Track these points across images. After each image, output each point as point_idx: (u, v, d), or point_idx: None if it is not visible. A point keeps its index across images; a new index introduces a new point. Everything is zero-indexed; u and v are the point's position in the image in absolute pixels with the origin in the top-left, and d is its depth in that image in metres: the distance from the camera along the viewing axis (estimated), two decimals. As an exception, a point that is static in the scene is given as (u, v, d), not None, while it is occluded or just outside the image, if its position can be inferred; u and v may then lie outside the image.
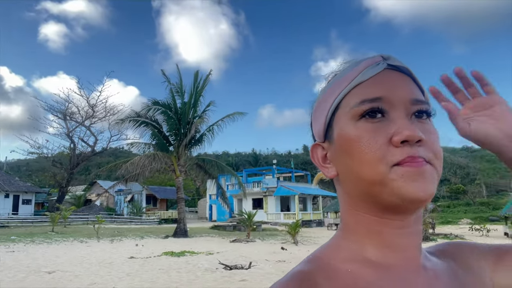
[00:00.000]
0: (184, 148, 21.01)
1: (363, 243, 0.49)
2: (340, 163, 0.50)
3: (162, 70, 21.79)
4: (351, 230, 0.51)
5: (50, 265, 9.97)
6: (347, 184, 0.50)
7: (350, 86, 0.49)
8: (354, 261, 0.48)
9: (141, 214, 36.04)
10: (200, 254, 12.65)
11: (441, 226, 35.15)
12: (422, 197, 0.44)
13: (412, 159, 0.44)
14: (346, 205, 0.52)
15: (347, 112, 0.49)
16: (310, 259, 0.49)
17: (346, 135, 0.48)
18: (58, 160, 39.34)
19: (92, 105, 38.10)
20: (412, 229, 0.49)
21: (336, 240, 0.52)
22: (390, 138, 0.45)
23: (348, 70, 0.51)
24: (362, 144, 0.46)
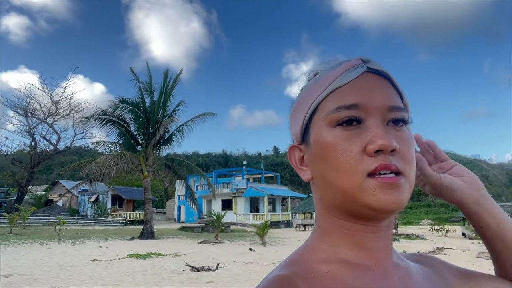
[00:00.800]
0: (153, 148, 20.62)
1: (338, 245, 0.50)
2: (315, 168, 0.50)
3: (130, 68, 21.35)
4: (326, 233, 0.51)
5: (7, 268, 9.49)
6: (322, 188, 0.51)
7: (328, 90, 0.49)
8: (330, 262, 0.48)
9: (106, 215, 34.99)
10: (167, 256, 12.45)
11: (404, 227, 36.44)
12: (391, 209, 0.44)
13: (385, 167, 0.44)
14: (321, 208, 0.52)
15: (323, 118, 0.49)
16: (287, 263, 0.49)
17: (322, 141, 0.48)
18: (18, 159, 37.50)
19: (56, 101, 36.59)
20: (384, 234, 0.50)
21: (311, 242, 0.52)
22: (364, 146, 0.45)
23: (327, 72, 0.51)
24: (337, 152, 0.46)
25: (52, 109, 36.61)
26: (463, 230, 25.64)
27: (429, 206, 59.94)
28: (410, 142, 0.48)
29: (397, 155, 0.45)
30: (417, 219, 48.06)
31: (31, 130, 36.19)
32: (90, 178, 20.09)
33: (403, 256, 0.58)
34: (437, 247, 15.89)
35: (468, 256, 13.77)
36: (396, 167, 0.45)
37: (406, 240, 21.56)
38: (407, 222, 44.06)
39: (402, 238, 22.14)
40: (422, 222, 44.45)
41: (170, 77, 21.61)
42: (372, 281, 0.47)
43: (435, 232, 28.12)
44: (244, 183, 35.70)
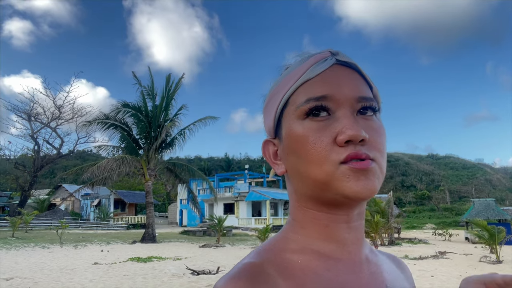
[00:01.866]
0: (154, 151, 20.66)
1: (311, 236, 0.50)
2: (287, 161, 0.51)
3: (133, 72, 21.44)
4: (300, 225, 0.52)
5: (8, 271, 9.51)
6: (295, 181, 0.51)
7: (298, 83, 0.49)
8: (303, 253, 0.49)
9: (109, 219, 35.01)
10: (168, 260, 12.45)
11: (407, 231, 36.26)
12: (364, 195, 0.45)
13: (355, 155, 0.45)
14: (295, 201, 0.53)
15: (294, 110, 0.49)
16: (259, 251, 0.49)
17: (293, 134, 0.49)
18: (21, 163, 37.61)
19: (59, 106, 36.75)
20: (356, 224, 0.51)
21: (284, 233, 0.53)
22: (335, 137, 0.46)
23: (297, 65, 0.51)
24: (308, 144, 0.47)
25: (55, 113, 36.79)
26: (466, 234, 25.49)
27: (433, 210, 59.62)
28: (380, 131, 0.49)
29: (367, 145, 0.46)
30: (420, 223, 47.81)
31: (34, 134, 36.36)
32: (93, 182, 20.15)
33: (376, 251, 0.59)
34: (440, 251, 15.79)
35: (471, 260, 13.67)
36: (366, 155, 0.45)
37: (408, 244, 21.44)
38: (410, 227, 43.83)
39: (404, 243, 22.03)
40: (425, 226, 44.23)
41: (172, 82, 21.72)
42: (343, 273, 0.47)
43: (438, 237, 27.99)
44: (246, 187, 35.66)
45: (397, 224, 24.30)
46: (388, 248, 18.73)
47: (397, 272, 0.58)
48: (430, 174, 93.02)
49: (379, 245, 18.15)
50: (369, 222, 17.22)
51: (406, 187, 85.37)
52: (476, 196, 59.32)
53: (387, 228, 18.98)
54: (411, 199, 72.92)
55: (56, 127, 37.29)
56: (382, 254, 0.61)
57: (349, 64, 0.50)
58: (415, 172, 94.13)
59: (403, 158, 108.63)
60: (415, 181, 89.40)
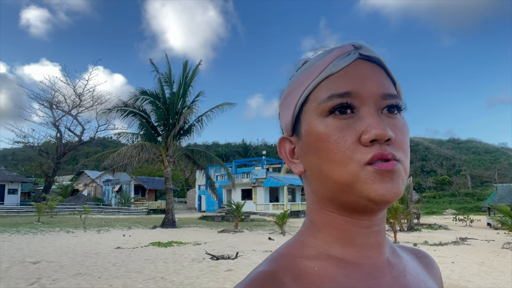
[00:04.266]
0: (173, 138, 20.88)
1: (329, 241, 0.48)
2: (307, 161, 0.48)
3: (150, 60, 21.53)
4: (317, 228, 0.49)
5: (35, 255, 9.90)
6: (314, 182, 0.48)
7: (319, 78, 0.47)
8: (320, 259, 0.46)
9: (129, 204, 35.88)
10: (187, 245, 12.69)
11: (426, 217, 35.83)
12: (389, 199, 0.42)
13: (381, 155, 0.43)
14: (313, 203, 0.50)
15: (315, 107, 0.46)
16: (274, 258, 0.47)
17: (314, 132, 0.46)
18: (45, 150, 38.77)
19: (79, 94, 37.52)
20: (378, 228, 0.48)
21: (300, 237, 0.50)
22: (359, 136, 0.43)
23: (317, 59, 0.48)
24: (331, 143, 0.44)
25: (75, 101, 37.57)
26: (488, 220, 24.98)
27: (453, 195, 58.58)
28: (404, 130, 0.47)
29: (392, 144, 0.44)
30: (440, 208, 47.11)
31: (56, 122, 37.29)
32: (113, 168, 20.59)
33: (401, 249, 0.56)
34: (460, 237, 15.56)
35: (493, 246, 13.42)
36: (392, 155, 0.43)
37: (428, 230, 21.20)
38: (430, 212, 43.25)
39: (424, 228, 21.79)
40: (445, 212, 43.55)
41: (189, 68, 21.74)
42: (364, 279, 0.45)
43: (459, 222, 27.55)
44: (263, 173, 35.77)
45: (416, 210, 24.01)
46: (407, 234, 18.58)
47: (422, 271, 0.54)
48: (451, 159, 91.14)
49: (398, 231, 18.00)
50: (387, 208, 17.06)
51: (426, 172, 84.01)
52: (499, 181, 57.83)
53: (406, 214, 18.77)
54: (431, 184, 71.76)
55: (77, 115, 38.15)
56: (407, 252, 0.57)
57: (373, 58, 0.48)
58: (435, 157, 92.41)
59: (423, 142, 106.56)
60: (436, 166, 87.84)
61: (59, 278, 7.27)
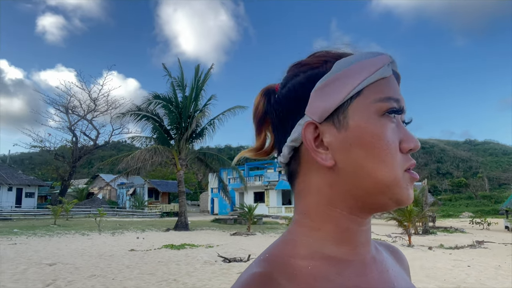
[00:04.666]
0: (185, 142, 21.06)
1: (324, 239, 0.48)
2: (348, 155, 0.46)
3: (163, 64, 21.78)
4: (315, 225, 0.48)
5: (51, 257, 10.09)
6: (346, 177, 0.46)
7: (375, 77, 0.46)
8: (313, 258, 0.46)
9: (143, 207, 36.27)
10: (200, 247, 12.76)
11: (442, 220, 35.21)
12: (410, 202, 0.47)
13: (414, 165, 0.47)
14: (323, 199, 0.48)
15: (370, 103, 0.46)
16: (266, 258, 0.46)
17: (369, 128, 0.45)
18: (61, 154, 39.54)
19: (94, 98, 38.19)
20: (368, 226, 0.51)
21: (293, 236, 0.49)
22: (399, 143, 0.46)
23: (368, 57, 0.48)
24: (384, 142, 0.45)
25: (90, 106, 38.26)
26: (506, 223, 24.41)
27: (470, 198, 57.43)
28: None
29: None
30: (456, 211, 46.24)
31: (72, 126, 38.01)
32: (127, 172, 20.86)
33: (379, 245, 0.58)
34: (477, 240, 15.25)
35: (511, 250, 13.11)
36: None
37: (444, 233, 20.84)
38: (446, 215, 42.49)
39: (440, 231, 21.43)
40: (462, 215, 42.73)
41: (201, 72, 21.92)
42: (354, 276, 0.46)
43: (476, 225, 26.99)
44: (276, 176, 35.73)
45: (431, 213, 23.63)
46: (422, 237, 18.29)
47: (397, 265, 0.57)
48: (468, 161, 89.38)
49: (413, 234, 17.74)
50: (402, 211, 16.83)
51: (442, 175, 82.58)
52: (518, 184, 56.42)
53: (421, 217, 18.49)
54: (447, 186, 70.48)
55: (92, 119, 38.82)
56: (383, 247, 0.60)
57: (398, 75, 0.51)
58: (451, 159, 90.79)
59: (438, 144, 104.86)
60: (451, 168, 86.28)
61: (74, 279, 7.40)
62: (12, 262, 9.08)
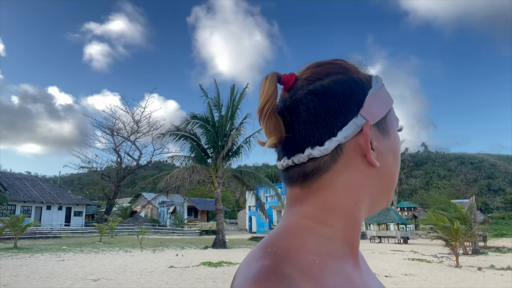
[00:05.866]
0: (222, 160, 21.43)
1: (334, 236, 0.49)
2: (386, 159, 0.54)
3: (200, 85, 22.56)
4: (329, 222, 0.50)
5: (96, 273, 10.53)
6: (380, 179, 0.53)
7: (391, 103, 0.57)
8: (319, 253, 0.47)
9: (183, 225, 36.93)
10: (237, 265, 12.77)
11: (495, 239, 32.89)
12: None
13: None
14: (353, 197, 0.50)
15: (395, 119, 0.58)
16: (275, 251, 0.46)
17: (398, 140, 0.58)
18: (107, 174, 41.46)
19: (137, 120, 40.00)
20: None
21: (300, 229, 0.49)
22: None
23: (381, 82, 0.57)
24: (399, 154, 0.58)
25: (134, 127, 40.10)
26: None
27: (526, 216, 53.20)
28: None
29: None
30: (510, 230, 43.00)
31: (117, 147, 39.92)
32: (167, 190, 21.48)
33: None
34: (534, 262, 14.07)
35: None
36: None
37: (496, 253, 19.46)
38: (499, 234, 39.62)
39: (491, 251, 20.04)
40: (517, 234, 39.62)
41: (236, 92, 22.42)
42: (352, 271, 0.50)
43: (533, 246, 24.94)
44: (314, 193, 35.19)
45: (482, 232, 22.19)
46: (472, 257, 17.19)
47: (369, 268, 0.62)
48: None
49: (461, 254, 16.73)
50: (447, 229, 15.98)
51: (493, 191, 77.48)
52: None
53: (469, 235, 17.41)
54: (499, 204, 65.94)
55: (135, 140, 40.59)
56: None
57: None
58: (503, 174, 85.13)
59: (488, 159, 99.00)
60: (504, 184, 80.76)
61: (116, 294, 7.67)
62: (59, 278, 9.58)
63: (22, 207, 31.27)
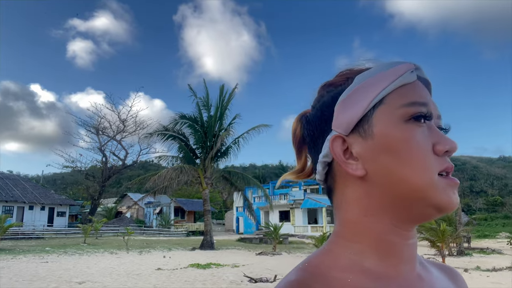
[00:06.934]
0: (210, 160, 21.28)
1: (364, 252, 0.47)
2: (377, 163, 0.46)
3: (189, 85, 22.33)
4: (354, 238, 0.48)
5: (80, 275, 10.28)
6: (379, 186, 0.46)
7: (397, 84, 0.47)
8: (352, 271, 0.45)
9: (170, 226, 36.56)
10: (226, 267, 12.67)
11: (478, 240, 33.54)
12: (453, 208, 0.45)
13: (451, 168, 0.46)
14: (361, 210, 0.48)
15: (393, 110, 0.46)
16: (305, 267, 0.46)
17: (395, 134, 0.46)
18: (91, 174, 40.74)
19: (123, 120, 39.43)
20: (414, 240, 0.49)
21: (332, 247, 0.48)
22: (432, 146, 0.45)
23: (388, 67, 0.49)
24: (412, 146, 0.45)
25: (120, 127, 39.51)
26: (549, 244, 22.94)
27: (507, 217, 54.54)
28: None
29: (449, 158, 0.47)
30: (493, 232, 43.99)
31: (102, 147, 39.27)
32: (154, 191, 21.21)
33: (428, 264, 0.56)
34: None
35: (556, 273, 12.26)
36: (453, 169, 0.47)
37: (480, 254, 19.80)
38: (482, 236, 40.48)
39: (475, 253, 20.38)
40: (499, 235, 40.57)
41: (225, 92, 22.29)
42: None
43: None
44: (301, 194, 35.31)
45: (466, 233, 22.56)
46: (457, 258, 17.44)
47: (450, 286, 0.54)
48: (503, 178, 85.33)
49: (447, 255, 16.94)
50: (434, 231, 16.16)
51: (476, 193, 79.05)
52: (560, 202, 53.20)
53: (455, 237, 17.67)
54: (481, 205, 67.36)
55: (121, 140, 39.98)
56: (435, 267, 0.57)
57: (427, 82, 0.51)
58: (485, 177, 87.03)
59: (471, 161, 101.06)
60: (486, 186, 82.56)
61: (103, 298, 7.48)
62: (43, 281, 9.31)
63: (3, 207, 30.45)
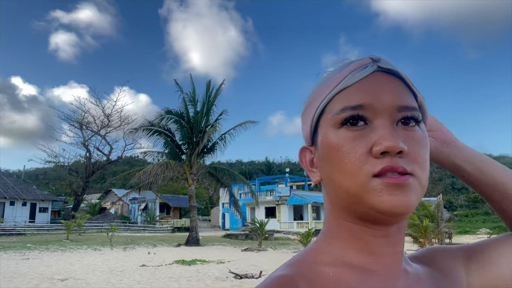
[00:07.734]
0: (197, 156, 21.15)
1: (345, 248, 0.49)
2: (322, 170, 0.50)
3: (175, 80, 22.11)
4: (334, 235, 0.50)
5: (63, 272, 10.09)
6: (329, 190, 0.50)
7: (335, 91, 0.48)
8: (335, 265, 0.47)
9: (155, 222, 36.26)
10: (211, 263, 12.64)
11: (459, 236, 34.36)
12: (399, 211, 0.43)
13: (391, 168, 0.43)
14: (329, 211, 0.52)
15: (329, 119, 0.48)
16: (291, 263, 0.48)
17: (328, 142, 0.47)
18: (74, 169, 40.03)
19: (108, 114, 38.80)
20: (394, 239, 0.48)
21: (317, 244, 0.52)
22: (370, 148, 0.44)
23: (335, 73, 0.49)
24: (341, 153, 0.45)
25: (104, 121, 38.85)
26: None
27: (487, 214, 56.02)
28: (422, 142, 0.46)
29: (406, 157, 0.44)
30: (473, 228, 45.11)
31: (86, 141, 38.58)
32: (139, 187, 20.98)
33: (411, 257, 0.56)
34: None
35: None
36: (403, 168, 0.43)
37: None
38: (463, 231, 41.48)
39: (456, 248, 20.85)
40: (479, 231, 41.62)
41: (212, 87, 22.16)
42: (377, 286, 0.46)
43: (494, 242, 26.25)
44: (287, 191, 35.48)
45: (448, 229, 23.03)
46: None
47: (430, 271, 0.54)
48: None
49: (429, 250, 17.28)
50: (417, 227, 16.47)
51: (457, 190, 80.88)
52: (537, 199, 54.79)
53: (437, 233, 18.03)
54: (462, 202, 68.99)
55: (106, 135, 39.36)
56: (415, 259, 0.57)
57: (392, 71, 0.48)
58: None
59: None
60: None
61: (86, 295, 7.36)
62: (24, 277, 9.11)
63: (-18, 203, 29.69)
